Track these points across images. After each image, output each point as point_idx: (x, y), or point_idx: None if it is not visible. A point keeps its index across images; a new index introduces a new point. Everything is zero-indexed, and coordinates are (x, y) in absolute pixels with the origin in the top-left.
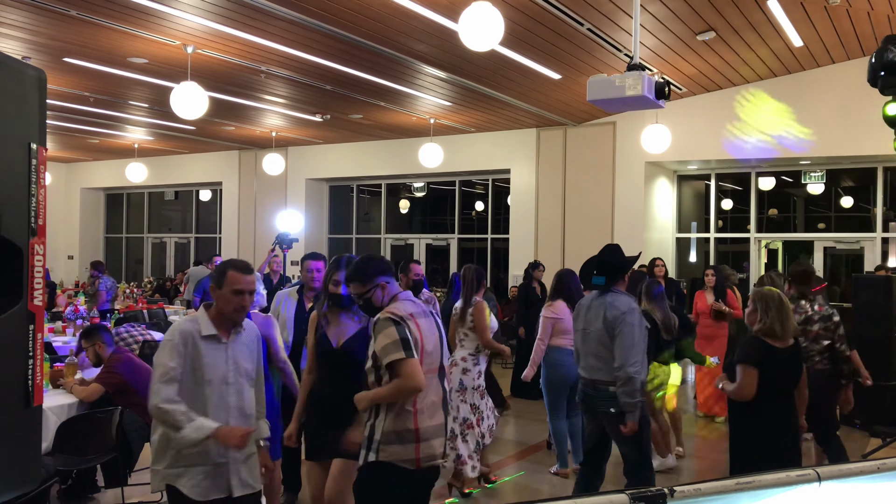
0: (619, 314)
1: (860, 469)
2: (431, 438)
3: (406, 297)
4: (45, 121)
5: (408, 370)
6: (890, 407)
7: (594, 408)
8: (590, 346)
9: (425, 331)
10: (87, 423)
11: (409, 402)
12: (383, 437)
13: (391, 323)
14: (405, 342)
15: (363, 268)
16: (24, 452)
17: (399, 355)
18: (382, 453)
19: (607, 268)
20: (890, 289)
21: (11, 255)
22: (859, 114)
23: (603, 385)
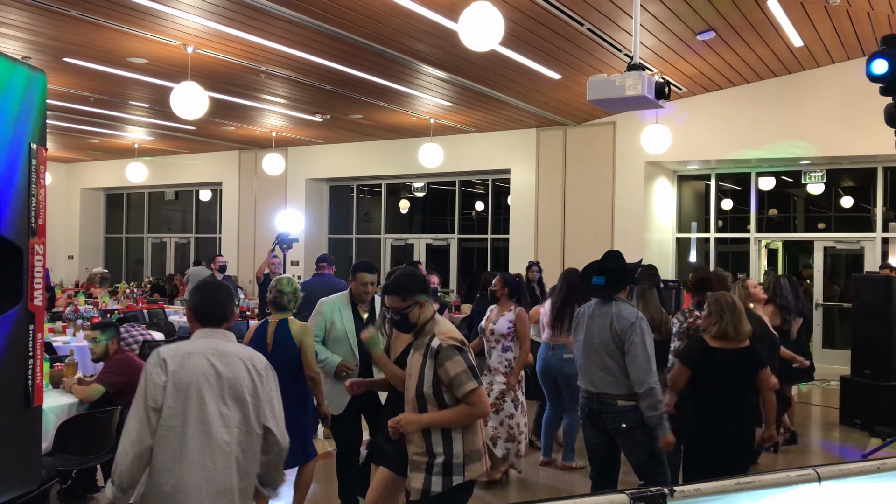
0: (627, 325)
1: (860, 469)
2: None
3: (441, 317)
4: (45, 121)
5: (479, 399)
6: (890, 407)
7: (601, 423)
8: (594, 357)
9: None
10: (87, 423)
11: (476, 423)
12: (466, 458)
13: (457, 351)
14: (473, 370)
15: (406, 284)
16: (24, 452)
17: (473, 385)
18: (468, 473)
19: (611, 275)
20: (890, 289)
21: (11, 255)
22: (859, 114)
23: (611, 399)
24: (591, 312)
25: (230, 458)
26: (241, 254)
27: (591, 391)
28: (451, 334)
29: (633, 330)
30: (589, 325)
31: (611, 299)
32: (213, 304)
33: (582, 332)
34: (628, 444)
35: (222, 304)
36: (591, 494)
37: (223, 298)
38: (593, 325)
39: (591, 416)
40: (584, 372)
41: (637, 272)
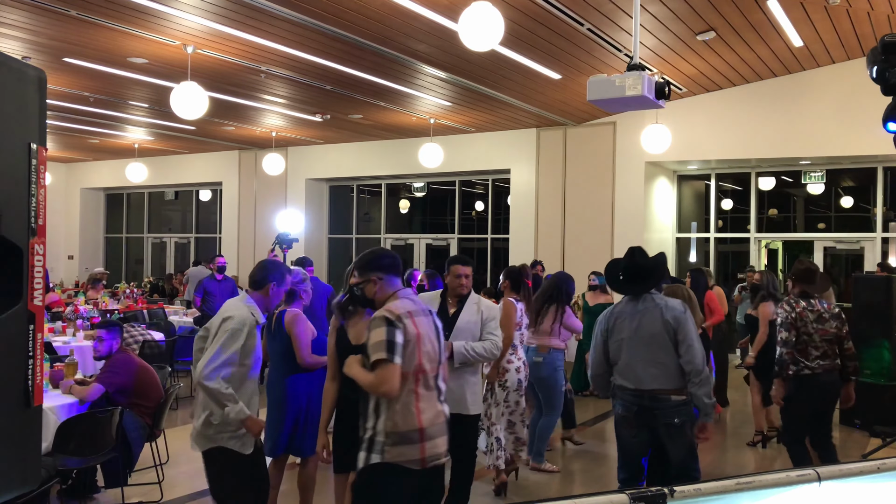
0: (679, 315)
1: (860, 469)
2: (436, 437)
3: (405, 296)
4: (45, 121)
5: (385, 373)
6: (890, 407)
7: (652, 420)
8: (642, 353)
9: (423, 329)
10: (87, 423)
11: (412, 402)
12: (388, 437)
13: (384, 322)
14: (391, 344)
15: (364, 260)
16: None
17: (381, 356)
18: (388, 454)
19: (644, 271)
20: (890, 289)
21: (11, 255)
22: (859, 114)
23: (665, 395)
24: (630, 309)
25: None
26: (241, 254)
27: (642, 389)
28: (393, 308)
29: (686, 319)
30: (633, 321)
31: (647, 294)
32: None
33: (623, 331)
34: (677, 441)
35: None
36: (591, 494)
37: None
38: (640, 320)
39: (640, 414)
40: (629, 370)
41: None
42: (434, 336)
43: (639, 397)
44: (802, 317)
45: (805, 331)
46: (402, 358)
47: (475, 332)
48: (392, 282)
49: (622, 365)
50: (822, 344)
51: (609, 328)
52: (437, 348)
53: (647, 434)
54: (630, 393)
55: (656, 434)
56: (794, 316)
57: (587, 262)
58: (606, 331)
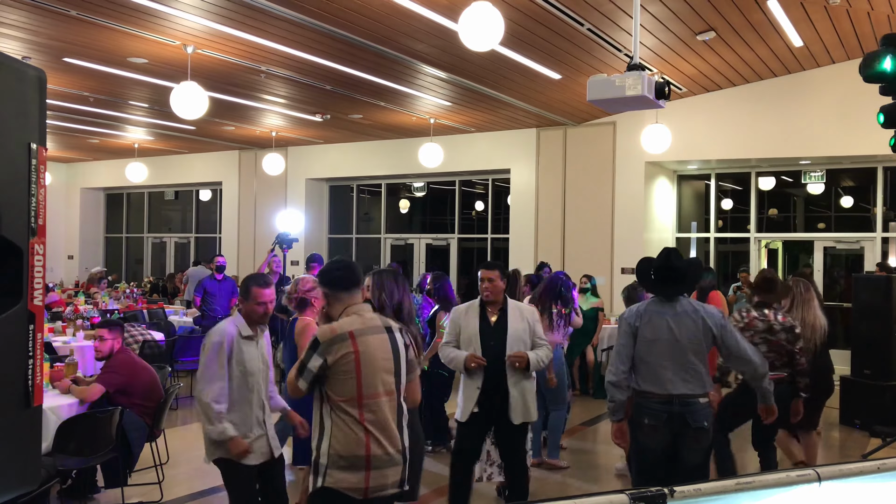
0: (719, 319)
1: (860, 469)
2: (384, 467)
3: (357, 311)
4: (45, 121)
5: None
6: (890, 407)
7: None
8: (678, 358)
9: (368, 350)
10: (87, 423)
11: (357, 427)
12: (330, 460)
13: (312, 343)
14: (302, 368)
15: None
16: (24, 452)
17: (291, 374)
18: (329, 478)
19: (679, 273)
20: (890, 289)
21: (11, 255)
22: (859, 114)
23: (694, 399)
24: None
25: None
26: (241, 254)
27: (672, 393)
28: (333, 328)
29: (726, 321)
30: (669, 324)
31: (681, 297)
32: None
33: (662, 332)
34: (701, 443)
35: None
36: (591, 495)
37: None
38: (677, 323)
39: (669, 421)
40: (654, 375)
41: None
42: (389, 356)
43: (668, 403)
44: (751, 326)
45: (752, 340)
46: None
47: (526, 339)
48: (341, 297)
49: (650, 368)
50: (769, 355)
51: (640, 326)
52: (391, 370)
53: (669, 439)
54: (657, 400)
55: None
56: (743, 325)
57: (587, 262)
58: (636, 328)
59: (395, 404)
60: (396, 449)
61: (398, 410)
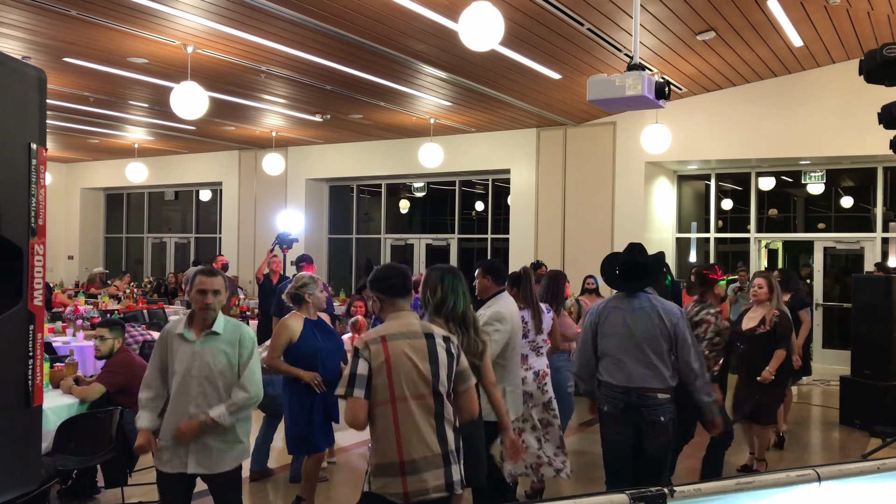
0: (677, 318)
1: (860, 469)
2: (422, 472)
3: (396, 317)
4: (45, 121)
5: (346, 408)
6: (890, 407)
7: (636, 417)
8: (633, 352)
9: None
10: (87, 423)
11: (391, 432)
12: (374, 468)
13: (353, 353)
14: (351, 378)
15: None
16: (24, 452)
17: (341, 391)
18: (374, 484)
19: (640, 268)
20: (890, 289)
21: (11, 255)
22: (859, 114)
23: (651, 393)
24: (627, 307)
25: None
26: (241, 254)
27: (630, 386)
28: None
29: (682, 321)
30: (625, 319)
31: (642, 293)
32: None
33: (618, 327)
34: (659, 437)
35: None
36: (591, 494)
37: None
38: (633, 319)
39: (626, 411)
40: (616, 367)
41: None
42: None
43: (626, 394)
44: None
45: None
46: (365, 389)
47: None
48: (395, 303)
49: (609, 361)
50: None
51: (599, 322)
52: (426, 375)
53: (631, 431)
54: (617, 390)
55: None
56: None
57: (587, 262)
58: (595, 324)
59: (431, 410)
60: (434, 452)
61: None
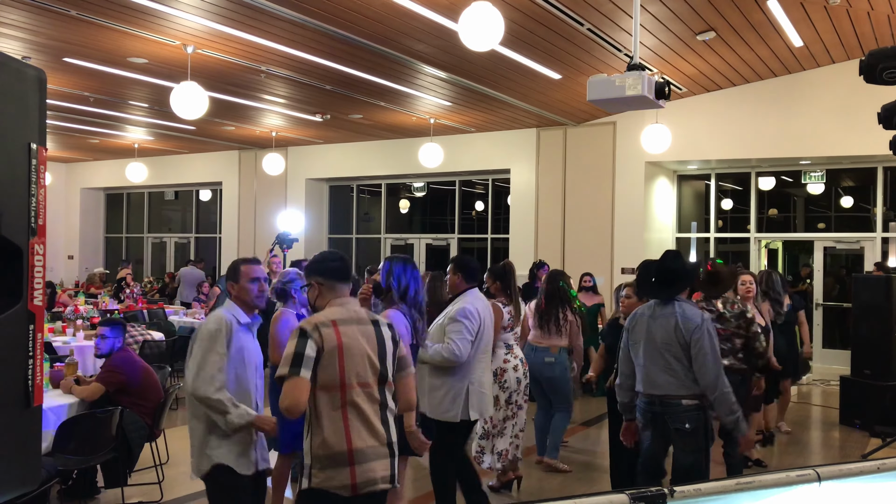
0: (693, 326)
1: (860, 469)
2: (370, 461)
3: (343, 303)
4: (45, 121)
5: (287, 388)
6: (890, 407)
7: (662, 425)
8: (656, 359)
9: (350, 339)
10: (87, 423)
11: (338, 420)
12: (315, 460)
13: (297, 333)
14: (297, 357)
15: (310, 262)
16: (24, 452)
17: (284, 371)
18: (314, 478)
19: (671, 275)
20: (890, 289)
21: (11, 255)
22: (859, 114)
23: (675, 400)
24: (652, 313)
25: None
26: (241, 254)
27: (654, 394)
28: (315, 318)
29: (701, 331)
30: (650, 326)
31: (672, 300)
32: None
33: (643, 333)
34: (688, 445)
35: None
36: (591, 494)
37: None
38: (655, 325)
39: (654, 420)
40: (644, 375)
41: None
42: (372, 348)
43: (651, 403)
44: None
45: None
46: (312, 371)
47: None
48: (334, 288)
49: (637, 367)
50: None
51: (631, 328)
52: (375, 362)
53: (660, 438)
54: (645, 398)
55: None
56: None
57: (587, 263)
58: (627, 331)
59: (379, 397)
60: (381, 442)
61: (382, 404)
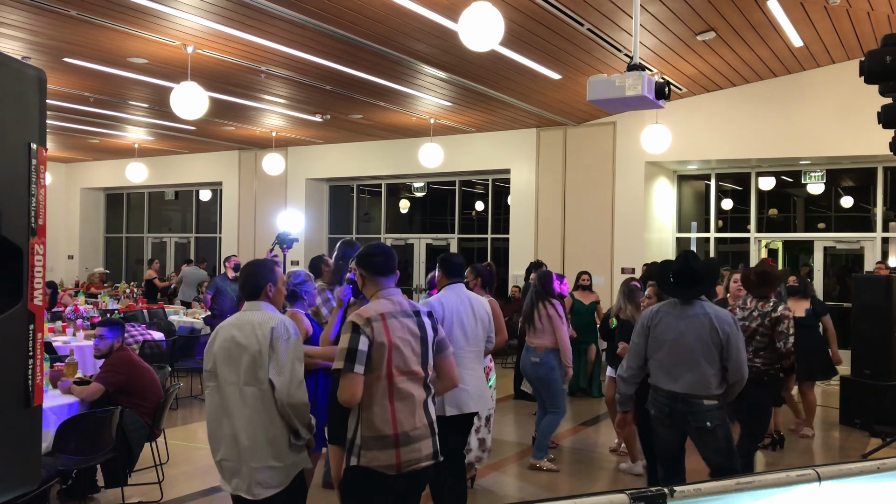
0: (728, 325)
1: (860, 469)
2: (414, 442)
3: (388, 296)
4: (45, 121)
5: (344, 382)
6: (890, 407)
7: (683, 423)
8: (685, 358)
9: (397, 331)
10: (87, 423)
11: (386, 407)
12: (363, 441)
13: (350, 328)
14: (351, 353)
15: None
16: (24, 452)
17: (340, 364)
18: (363, 458)
19: (696, 276)
20: (890, 289)
21: (11, 255)
22: (859, 114)
23: (698, 399)
24: (677, 313)
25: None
26: (241, 254)
27: (676, 391)
28: (364, 311)
29: (734, 329)
30: (679, 325)
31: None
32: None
33: (670, 332)
34: (711, 443)
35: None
36: (591, 494)
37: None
38: (685, 325)
39: (672, 415)
40: (667, 372)
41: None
42: (415, 338)
43: (672, 399)
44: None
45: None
46: (364, 365)
47: None
48: (378, 281)
49: (659, 366)
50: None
51: (651, 326)
52: (417, 351)
53: (678, 434)
54: (663, 394)
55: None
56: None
57: (587, 262)
58: (648, 328)
59: (423, 384)
60: (424, 424)
61: (426, 389)
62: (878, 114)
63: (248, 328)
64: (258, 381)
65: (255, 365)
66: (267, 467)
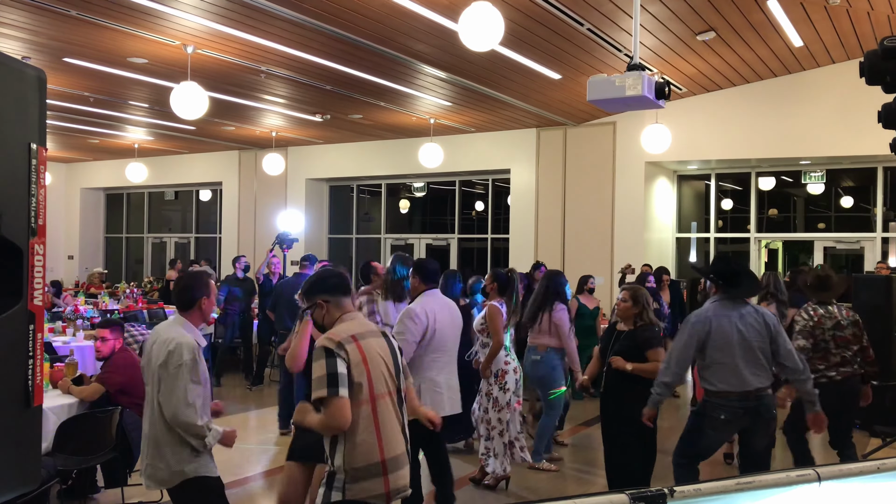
0: (774, 322)
1: (860, 469)
2: (399, 469)
3: (353, 317)
4: (45, 121)
5: (331, 409)
6: (890, 407)
7: (756, 418)
8: (750, 357)
9: (372, 353)
10: (87, 423)
11: (371, 433)
12: (347, 474)
13: (323, 353)
14: (332, 378)
15: (308, 283)
16: (24, 452)
17: (322, 393)
18: (349, 491)
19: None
20: (890, 289)
21: (11, 255)
22: (859, 114)
23: (765, 392)
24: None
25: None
26: (241, 254)
27: (748, 390)
28: (334, 335)
29: (779, 324)
30: (737, 326)
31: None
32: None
33: (733, 334)
34: (770, 429)
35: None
36: (591, 494)
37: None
38: (744, 325)
39: (745, 413)
40: (734, 374)
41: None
42: (389, 357)
43: (744, 399)
44: (820, 324)
45: (822, 338)
46: (347, 388)
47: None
48: (340, 303)
49: (724, 369)
50: (838, 351)
51: (710, 331)
52: (392, 372)
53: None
54: (735, 397)
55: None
56: (812, 324)
57: (587, 262)
58: (706, 334)
59: (399, 406)
60: (403, 449)
61: (402, 411)
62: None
63: (159, 342)
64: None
65: (156, 377)
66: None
